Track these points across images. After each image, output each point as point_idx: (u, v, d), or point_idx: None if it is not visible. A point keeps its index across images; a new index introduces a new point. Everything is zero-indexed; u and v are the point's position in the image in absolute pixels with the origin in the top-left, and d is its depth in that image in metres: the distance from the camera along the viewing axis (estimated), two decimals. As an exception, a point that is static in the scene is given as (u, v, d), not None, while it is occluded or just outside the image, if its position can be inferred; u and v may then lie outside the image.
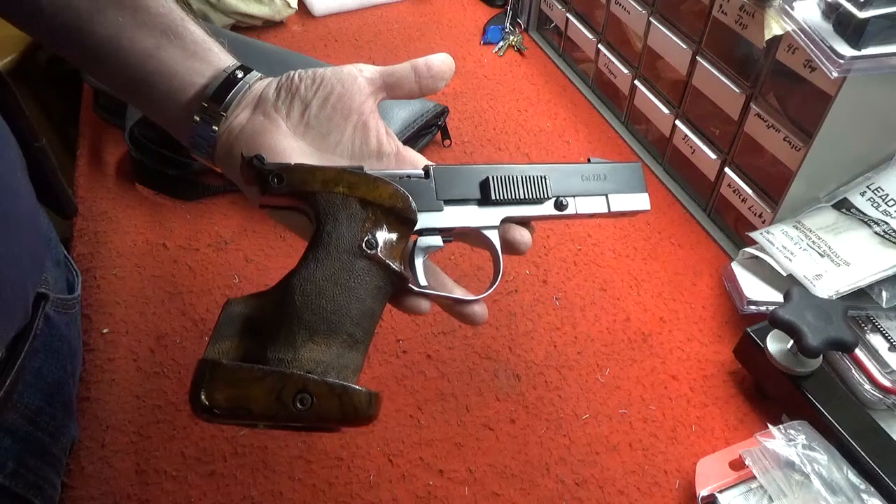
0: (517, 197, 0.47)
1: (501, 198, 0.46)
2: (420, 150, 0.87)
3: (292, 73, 0.47)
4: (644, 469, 0.59)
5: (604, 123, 0.95)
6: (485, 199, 0.46)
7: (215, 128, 0.46)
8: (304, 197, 0.41)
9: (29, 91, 1.33)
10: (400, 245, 0.43)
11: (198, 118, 0.47)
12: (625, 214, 0.50)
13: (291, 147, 0.46)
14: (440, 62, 0.48)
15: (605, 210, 0.49)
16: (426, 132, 0.88)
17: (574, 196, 0.48)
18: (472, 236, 0.48)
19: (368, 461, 0.59)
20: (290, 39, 1.08)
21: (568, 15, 1.00)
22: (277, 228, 0.77)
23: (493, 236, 0.47)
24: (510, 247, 0.48)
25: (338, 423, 0.38)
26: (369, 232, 0.41)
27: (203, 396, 0.36)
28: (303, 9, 1.13)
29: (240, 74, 0.48)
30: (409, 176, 0.45)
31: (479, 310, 0.47)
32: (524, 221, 0.49)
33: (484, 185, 0.46)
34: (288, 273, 0.40)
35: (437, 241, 0.46)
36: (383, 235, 0.42)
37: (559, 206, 0.48)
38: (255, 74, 0.49)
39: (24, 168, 0.54)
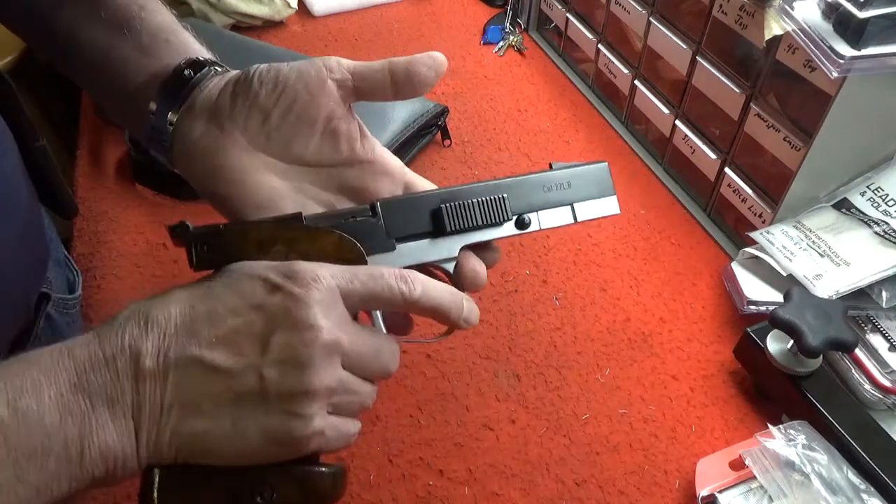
0: (474, 223, 0.44)
1: (457, 227, 0.43)
2: (420, 151, 0.87)
3: (251, 72, 0.43)
4: (644, 469, 0.59)
5: (604, 123, 0.95)
6: (439, 231, 0.43)
7: (170, 129, 0.44)
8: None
9: (29, 91, 1.33)
10: None
11: (151, 119, 0.45)
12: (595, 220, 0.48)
13: (251, 164, 0.42)
14: (426, 68, 0.43)
15: (572, 220, 0.47)
16: (426, 132, 0.88)
17: (537, 210, 0.46)
18: (429, 270, 0.45)
19: (368, 461, 0.59)
20: (290, 39, 1.08)
21: (568, 15, 1.00)
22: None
23: (452, 267, 0.45)
24: (468, 283, 0.45)
25: None
26: None
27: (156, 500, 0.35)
28: (303, 9, 1.13)
29: (188, 73, 0.44)
30: (353, 216, 0.41)
31: (470, 317, 0.43)
32: (485, 246, 0.46)
33: (436, 216, 0.43)
34: None
35: None
36: None
37: (521, 224, 0.45)
38: (207, 72, 0.45)
39: (24, 168, 0.54)
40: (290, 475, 0.37)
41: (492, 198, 0.44)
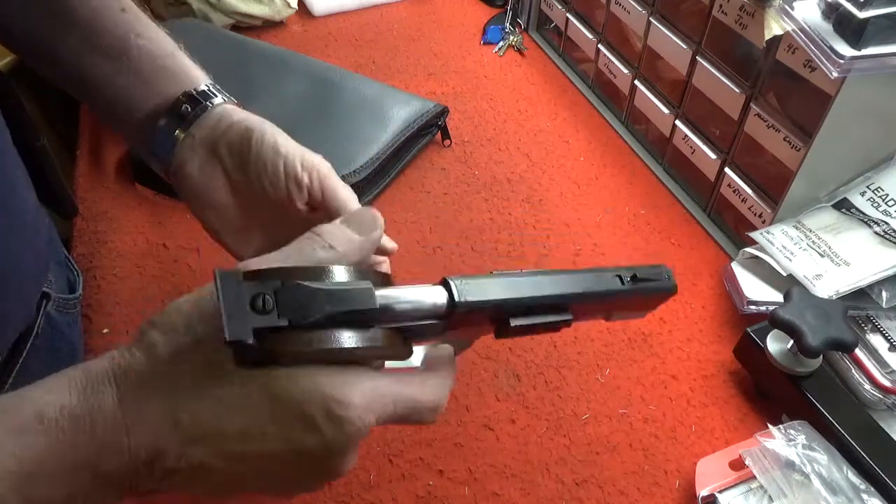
0: (526, 332, 0.39)
1: (510, 334, 0.39)
2: (420, 151, 0.87)
3: (256, 139, 0.47)
4: (644, 469, 0.59)
5: (604, 123, 0.95)
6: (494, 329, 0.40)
7: (171, 154, 0.48)
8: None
9: (29, 91, 1.33)
10: None
11: (155, 142, 0.49)
12: None
13: (226, 204, 0.49)
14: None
15: (602, 319, 0.45)
16: (426, 132, 0.88)
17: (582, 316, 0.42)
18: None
19: (368, 461, 0.59)
20: (290, 39, 1.07)
21: (568, 15, 1.00)
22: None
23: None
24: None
25: None
26: None
27: None
28: (303, 9, 1.13)
29: (185, 108, 0.48)
30: (424, 317, 0.36)
31: None
32: None
33: (498, 323, 0.39)
34: None
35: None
36: None
37: (558, 329, 0.41)
38: (204, 107, 0.48)
39: (24, 168, 0.54)
40: None
41: (558, 320, 0.40)
